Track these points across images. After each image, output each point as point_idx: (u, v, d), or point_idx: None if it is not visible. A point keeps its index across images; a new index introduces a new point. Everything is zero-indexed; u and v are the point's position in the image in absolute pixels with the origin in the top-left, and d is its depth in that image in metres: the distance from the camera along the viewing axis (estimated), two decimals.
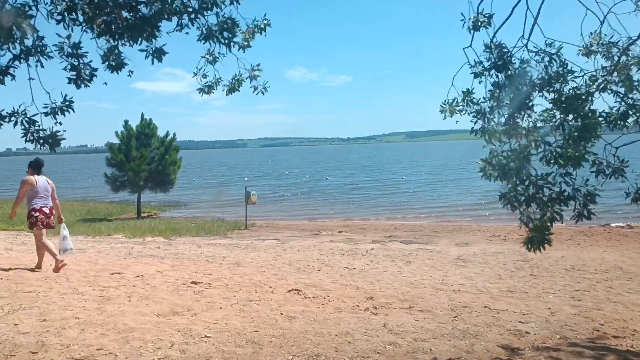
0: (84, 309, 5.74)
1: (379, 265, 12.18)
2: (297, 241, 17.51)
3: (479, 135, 4.48)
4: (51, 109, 3.75)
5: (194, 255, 13.07)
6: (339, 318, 5.77)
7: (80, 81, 3.90)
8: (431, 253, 14.69)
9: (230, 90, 5.08)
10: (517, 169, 4.18)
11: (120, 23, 3.54)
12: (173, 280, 8.56)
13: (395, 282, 9.72)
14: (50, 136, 3.72)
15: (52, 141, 3.73)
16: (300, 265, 11.71)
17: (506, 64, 4.23)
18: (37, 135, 3.70)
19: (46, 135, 3.72)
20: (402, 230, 21.46)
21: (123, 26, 3.60)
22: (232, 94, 5.11)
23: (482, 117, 4.39)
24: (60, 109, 3.76)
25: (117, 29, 3.70)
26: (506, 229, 21.31)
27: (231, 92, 5.09)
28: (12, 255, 12.07)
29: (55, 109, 3.74)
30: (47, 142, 3.73)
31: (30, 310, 5.61)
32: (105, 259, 11.73)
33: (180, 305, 6.09)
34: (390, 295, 7.59)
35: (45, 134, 3.72)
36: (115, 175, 29.09)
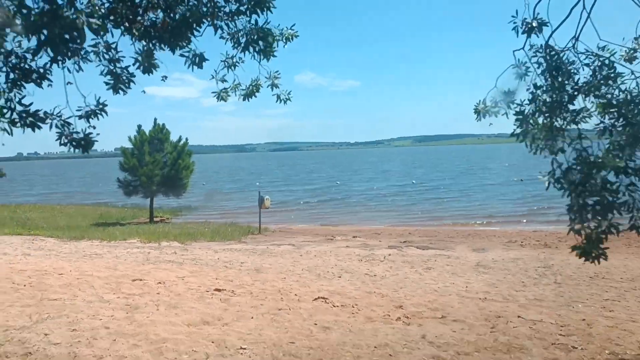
0: (113, 318, 5.64)
1: (399, 271, 12.02)
2: (312, 246, 17.37)
3: (521, 139, 4.33)
4: (85, 112, 3.66)
5: (212, 261, 12.98)
6: (374, 329, 5.63)
7: (119, 87, 3.80)
8: (450, 259, 14.50)
9: (247, 96, 4.96)
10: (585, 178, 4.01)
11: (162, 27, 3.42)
12: (196, 287, 8.46)
13: (419, 289, 9.57)
14: (83, 138, 3.63)
15: (85, 143, 3.65)
16: (319, 271, 11.57)
17: (559, 66, 4.09)
18: (70, 137, 3.61)
19: (79, 138, 3.63)
20: (416, 235, 21.25)
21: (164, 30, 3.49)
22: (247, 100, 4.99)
23: (524, 119, 4.23)
24: (94, 112, 3.67)
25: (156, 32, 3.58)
26: (522, 235, 21.08)
27: (248, 98, 4.97)
28: (31, 260, 12.04)
29: (89, 112, 3.65)
30: (80, 144, 3.64)
31: (59, 319, 5.52)
32: (123, 264, 11.65)
33: (210, 315, 5.97)
34: (418, 304, 7.44)
35: (79, 136, 3.63)
36: (128, 180, 29.08)
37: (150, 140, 28.33)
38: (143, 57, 3.85)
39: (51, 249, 15.30)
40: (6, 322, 5.40)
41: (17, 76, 3.48)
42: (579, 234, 4.39)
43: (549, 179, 4.39)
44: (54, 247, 15.83)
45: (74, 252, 14.63)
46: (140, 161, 27.77)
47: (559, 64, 4.12)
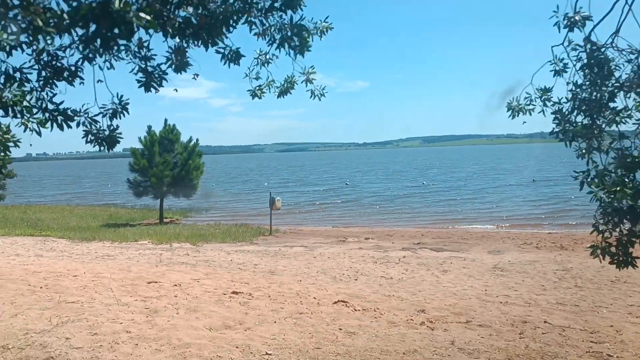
0: (133, 322, 5.53)
1: (415, 274, 11.87)
2: (324, 248, 17.24)
3: (559, 137, 4.18)
4: (108, 111, 3.55)
5: (225, 263, 12.87)
6: (400, 334, 5.48)
7: (151, 85, 3.68)
8: (465, 261, 14.32)
9: (282, 93, 4.83)
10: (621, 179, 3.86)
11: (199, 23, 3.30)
12: (212, 289, 8.35)
13: (438, 292, 9.41)
14: (109, 136, 3.52)
15: (110, 141, 3.54)
16: (335, 274, 11.43)
17: (600, 62, 3.93)
18: (96, 135, 3.50)
19: (105, 136, 3.52)
20: (429, 237, 21.07)
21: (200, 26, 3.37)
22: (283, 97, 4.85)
23: (562, 118, 4.08)
24: (116, 110, 3.56)
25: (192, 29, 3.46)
26: (536, 237, 20.86)
27: (283, 95, 4.84)
28: (44, 261, 11.98)
29: (112, 110, 3.55)
30: (105, 142, 3.54)
31: (79, 322, 5.41)
32: (137, 266, 11.56)
33: (231, 319, 5.85)
34: (440, 308, 7.29)
35: (104, 134, 3.53)
36: (138, 181, 29.05)
37: (160, 140, 28.30)
38: (176, 55, 3.72)
39: (63, 250, 15.26)
40: (26, 325, 5.31)
41: (49, 74, 3.37)
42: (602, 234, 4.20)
43: (583, 179, 4.23)
44: (66, 248, 15.79)
45: (86, 253, 14.57)
46: (150, 162, 27.73)
47: (601, 59, 3.96)
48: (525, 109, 4.43)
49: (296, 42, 4.01)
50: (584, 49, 4.01)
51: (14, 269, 10.39)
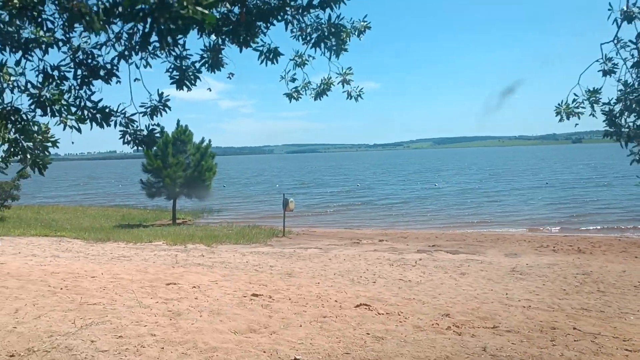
0: (157, 325, 5.46)
1: (433, 277, 11.74)
2: (339, 250, 17.15)
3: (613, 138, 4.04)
4: (149, 109, 3.49)
5: (241, 264, 12.81)
6: (429, 339, 5.37)
7: (185, 83, 3.62)
8: (482, 264, 14.16)
9: (319, 95, 4.74)
10: None
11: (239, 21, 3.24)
12: (231, 292, 8.28)
13: (458, 295, 9.27)
14: (147, 136, 3.46)
15: (149, 141, 3.48)
16: (352, 276, 11.33)
17: None
18: (134, 135, 3.44)
19: (143, 136, 3.46)
20: (443, 239, 20.92)
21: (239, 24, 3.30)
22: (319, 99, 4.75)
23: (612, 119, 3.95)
24: (156, 108, 3.49)
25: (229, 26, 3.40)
26: (552, 239, 20.63)
27: (319, 97, 4.75)
28: (61, 262, 11.97)
29: (152, 108, 3.48)
30: (144, 142, 3.47)
31: (103, 325, 5.36)
32: (153, 267, 11.53)
33: (255, 322, 5.77)
34: (464, 312, 7.17)
35: (142, 134, 3.46)
36: (151, 182, 29.14)
37: (173, 142, 28.36)
38: (211, 54, 3.66)
39: (79, 250, 15.27)
40: (49, 327, 5.26)
41: (86, 73, 3.32)
42: None
43: None
44: (81, 249, 15.81)
45: (102, 254, 14.57)
46: (163, 163, 27.80)
47: None
48: (574, 111, 4.30)
49: (332, 42, 3.92)
50: (636, 45, 3.87)
51: (32, 269, 10.39)
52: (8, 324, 5.40)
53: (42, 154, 3.26)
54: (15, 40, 3.11)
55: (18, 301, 6.53)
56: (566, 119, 4.28)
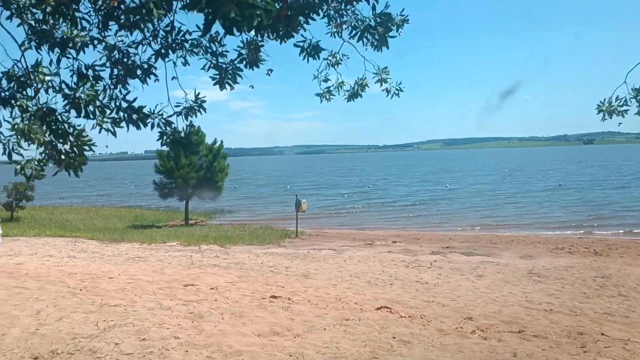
0: (180, 328, 5.43)
1: (449, 279, 11.64)
2: (353, 251, 17.08)
3: None
4: (184, 109, 3.44)
5: (256, 265, 12.78)
6: (457, 344, 5.29)
7: (226, 82, 3.56)
8: (498, 266, 14.03)
9: (352, 96, 4.64)
10: None
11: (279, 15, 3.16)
12: (250, 293, 8.24)
13: (478, 298, 9.18)
14: (185, 137, 3.41)
15: (187, 142, 3.43)
16: (368, 278, 11.26)
17: None
18: (172, 137, 3.40)
19: (181, 137, 3.41)
20: (457, 240, 20.78)
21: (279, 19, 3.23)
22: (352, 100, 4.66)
23: None
24: (192, 108, 3.45)
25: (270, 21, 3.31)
26: (567, 241, 20.42)
27: (353, 98, 4.65)
28: (78, 263, 12.01)
29: (188, 108, 3.43)
30: (182, 143, 3.43)
31: (126, 327, 5.33)
32: (169, 268, 11.53)
33: (278, 325, 5.72)
34: (486, 315, 7.07)
35: (180, 135, 3.42)
36: (164, 183, 29.23)
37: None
38: (250, 50, 3.59)
39: (94, 251, 15.33)
40: (72, 329, 5.24)
41: (122, 72, 3.28)
42: None
43: None
44: (97, 249, 15.87)
45: (117, 254, 14.61)
46: (176, 164, 27.86)
47: None
48: (618, 110, 4.19)
49: (379, 33, 3.79)
50: None
51: (49, 270, 10.42)
52: (30, 326, 5.39)
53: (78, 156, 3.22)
54: (51, 39, 3.08)
55: (39, 302, 6.53)
56: (609, 117, 4.18)
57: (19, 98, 3.16)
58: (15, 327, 5.34)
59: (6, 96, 3.13)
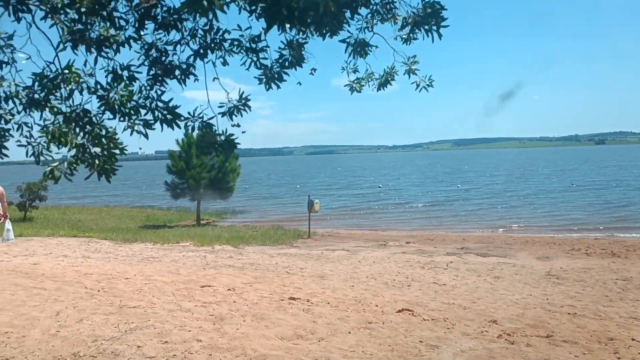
0: (202, 330, 5.33)
1: (467, 280, 11.48)
2: (366, 252, 16.96)
3: None
4: (228, 109, 3.33)
5: (271, 266, 12.70)
6: (486, 348, 5.15)
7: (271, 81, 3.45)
8: (515, 267, 13.85)
9: (382, 85, 4.52)
10: None
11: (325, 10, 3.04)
12: (267, 294, 8.15)
13: (498, 300, 9.02)
14: (226, 140, 3.31)
15: (227, 146, 3.32)
16: (385, 279, 11.12)
17: None
18: (212, 140, 3.29)
19: (221, 141, 3.30)
20: (471, 241, 20.59)
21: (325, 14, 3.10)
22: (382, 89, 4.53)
23: None
24: (237, 108, 3.34)
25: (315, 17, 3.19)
26: (583, 242, 20.15)
27: (382, 87, 4.53)
28: (92, 263, 11.98)
29: (232, 108, 3.32)
30: (222, 147, 3.33)
31: (147, 329, 5.24)
32: (184, 269, 11.47)
33: (300, 327, 5.61)
34: (510, 319, 6.92)
35: (220, 139, 3.31)
36: (175, 183, 29.28)
37: (197, 143, 28.39)
38: (292, 48, 3.48)
39: (108, 251, 15.30)
40: (93, 331, 5.16)
41: (160, 72, 3.19)
42: None
43: None
44: (110, 249, 15.85)
45: (131, 255, 14.58)
46: (187, 164, 27.89)
47: None
48: None
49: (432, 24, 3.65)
50: None
51: (65, 270, 10.39)
52: (51, 327, 5.33)
53: (110, 160, 3.14)
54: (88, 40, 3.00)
55: (58, 303, 6.47)
56: None
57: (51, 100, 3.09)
58: (35, 329, 5.28)
59: (39, 98, 3.05)
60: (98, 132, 3.13)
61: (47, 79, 3.08)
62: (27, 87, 3.12)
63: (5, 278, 8.52)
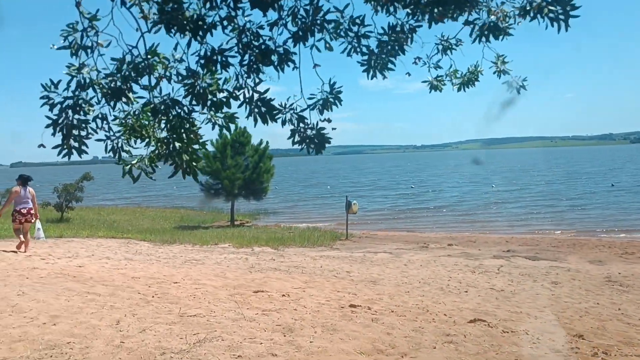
0: (274, 343, 4.98)
1: (523, 285, 10.94)
2: (409, 254, 16.47)
3: None
4: (317, 103, 2.96)
5: (317, 270, 12.33)
6: None
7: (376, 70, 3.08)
8: (570, 272, 13.22)
9: (464, 84, 4.11)
10: None
11: None
12: (325, 301, 7.78)
13: (567, 309, 8.48)
14: (317, 136, 2.93)
15: (319, 142, 2.95)
16: (439, 284, 10.65)
17: None
18: (304, 135, 2.92)
19: (312, 135, 2.93)
20: (515, 244, 19.91)
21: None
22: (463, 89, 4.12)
23: None
24: (326, 101, 2.96)
25: None
26: (634, 245, 19.27)
27: (464, 87, 4.12)
28: (137, 266, 11.80)
29: (321, 102, 2.95)
30: (313, 142, 2.95)
31: (215, 341, 4.91)
32: (230, 272, 11.19)
33: (378, 340, 5.21)
34: (594, 332, 6.41)
35: (312, 133, 2.94)
36: (209, 184, 29.19)
37: (232, 143, 28.29)
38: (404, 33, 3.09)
39: (148, 253, 15.15)
40: (159, 342, 4.86)
41: (255, 58, 2.82)
42: None
43: None
44: (150, 251, 15.70)
45: (172, 257, 14.39)
46: (222, 164, 27.76)
47: None
48: None
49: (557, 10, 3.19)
50: None
51: (111, 273, 10.22)
52: (114, 338, 5.04)
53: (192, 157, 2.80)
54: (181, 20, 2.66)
55: (115, 310, 6.21)
56: None
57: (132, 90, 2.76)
58: (97, 339, 5.00)
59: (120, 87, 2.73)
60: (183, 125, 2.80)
61: (131, 64, 2.77)
62: (109, 74, 2.81)
63: (56, 282, 8.34)
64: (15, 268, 10.27)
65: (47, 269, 10.37)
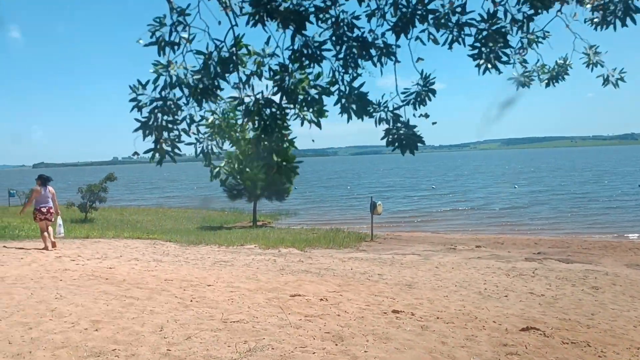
0: (327, 352, 4.76)
1: (563, 290, 10.58)
2: (439, 256, 16.16)
3: None
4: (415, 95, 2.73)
5: (349, 272, 12.10)
6: None
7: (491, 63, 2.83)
8: (609, 276, 12.80)
9: (552, 79, 3.82)
10: None
11: None
12: (364, 306, 7.55)
13: (617, 318, 8.13)
14: (409, 135, 2.71)
15: (409, 142, 2.72)
16: (475, 288, 10.35)
17: None
18: (396, 134, 2.70)
19: (405, 135, 2.71)
20: (545, 245, 19.48)
21: None
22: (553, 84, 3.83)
23: None
24: (419, 95, 2.73)
25: None
26: None
27: (553, 82, 3.83)
28: (167, 267, 11.68)
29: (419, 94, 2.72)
30: (404, 142, 2.73)
31: (267, 351, 4.71)
32: (261, 274, 11.02)
33: (436, 351, 4.96)
34: None
35: (406, 132, 2.72)
36: (232, 184, 29.11)
37: None
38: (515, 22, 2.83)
39: (176, 254, 15.05)
40: (207, 351, 4.66)
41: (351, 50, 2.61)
42: None
43: None
44: (178, 252, 15.60)
45: (200, 258, 14.26)
46: None
47: None
48: None
49: None
50: None
51: (142, 275, 10.11)
52: (159, 345, 4.87)
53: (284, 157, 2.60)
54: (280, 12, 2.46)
55: (155, 315, 6.05)
56: None
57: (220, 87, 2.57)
58: (143, 346, 4.84)
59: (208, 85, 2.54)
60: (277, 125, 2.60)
61: (219, 61, 2.57)
62: (196, 71, 2.63)
63: (90, 285, 8.23)
64: (47, 270, 10.22)
65: (79, 270, 10.29)
